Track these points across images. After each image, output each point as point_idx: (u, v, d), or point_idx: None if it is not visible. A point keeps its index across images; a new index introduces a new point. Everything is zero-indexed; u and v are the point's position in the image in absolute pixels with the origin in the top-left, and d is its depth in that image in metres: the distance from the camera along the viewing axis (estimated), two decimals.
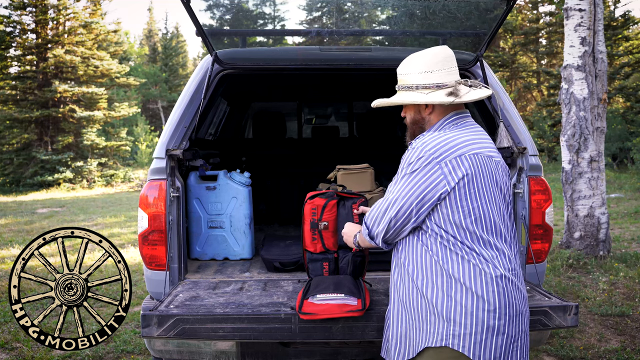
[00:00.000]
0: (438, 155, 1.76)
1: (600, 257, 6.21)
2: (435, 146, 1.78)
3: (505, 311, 1.74)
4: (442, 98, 1.84)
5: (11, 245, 7.87)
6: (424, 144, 1.80)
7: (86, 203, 14.06)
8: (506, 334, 1.74)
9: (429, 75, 1.87)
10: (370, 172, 3.52)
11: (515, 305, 1.77)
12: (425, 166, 1.76)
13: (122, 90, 25.73)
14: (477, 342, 1.72)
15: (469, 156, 1.77)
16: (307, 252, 2.68)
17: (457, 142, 1.79)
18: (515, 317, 1.77)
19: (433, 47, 1.92)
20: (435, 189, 1.75)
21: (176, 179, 2.76)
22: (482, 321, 1.72)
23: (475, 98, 1.88)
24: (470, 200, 1.76)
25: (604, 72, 6.41)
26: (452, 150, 1.77)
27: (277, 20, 7.60)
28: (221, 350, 2.55)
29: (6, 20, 19.53)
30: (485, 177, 1.79)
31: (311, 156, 5.19)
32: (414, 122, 1.96)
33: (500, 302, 1.73)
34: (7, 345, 3.95)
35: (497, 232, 1.80)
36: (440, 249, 1.79)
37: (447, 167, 1.75)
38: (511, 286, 1.77)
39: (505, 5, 2.61)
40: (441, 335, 1.74)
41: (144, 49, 44.86)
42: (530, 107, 25.87)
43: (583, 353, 3.73)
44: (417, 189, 1.77)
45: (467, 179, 1.75)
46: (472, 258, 1.75)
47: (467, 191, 1.75)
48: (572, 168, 6.37)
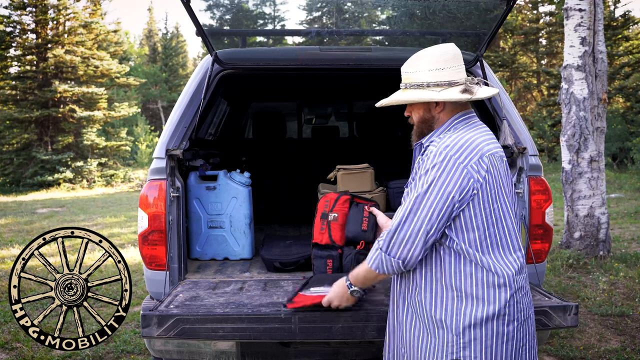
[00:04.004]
0: (463, 158, 1.72)
1: (600, 257, 6.21)
2: (459, 149, 1.73)
3: (514, 317, 1.73)
4: (457, 95, 1.79)
5: (11, 245, 7.87)
6: (446, 147, 1.74)
7: (86, 203, 14.06)
8: (515, 339, 1.73)
9: (440, 72, 1.82)
10: (370, 172, 3.52)
11: (524, 310, 1.77)
12: (454, 172, 1.71)
13: (122, 90, 25.73)
14: (487, 350, 1.71)
15: (488, 156, 1.75)
16: (314, 246, 2.69)
17: (477, 143, 1.75)
18: (524, 322, 1.76)
19: (440, 45, 1.88)
20: (465, 192, 1.70)
21: (176, 179, 2.76)
22: (491, 329, 1.71)
23: (488, 95, 1.86)
24: (490, 202, 1.73)
25: (604, 72, 6.41)
26: (475, 152, 1.73)
27: (277, 20, 7.60)
28: (221, 350, 2.55)
29: (6, 20, 19.52)
30: (501, 179, 1.77)
31: (311, 156, 5.19)
32: (423, 120, 1.89)
33: (509, 308, 1.72)
34: (7, 345, 3.95)
35: (511, 233, 1.78)
36: (452, 262, 1.75)
37: (474, 169, 1.71)
38: (520, 291, 1.76)
39: (505, 5, 2.61)
40: (451, 349, 1.73)
41: (144, 49, 44.85)
42: (530, 107, 25.86)
43: (583, 353, 3.73)
44: (450, 196, 1.70)
45: (487, 180, 1.72)
46: (485, 265, 1.73)
47: (488, 193, 1.73)
48: (572, 168, 6.37)
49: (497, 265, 1.73)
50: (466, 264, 1.74)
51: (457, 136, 1.77)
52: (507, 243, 1.76)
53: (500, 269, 1.73)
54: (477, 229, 1.73)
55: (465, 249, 1.73)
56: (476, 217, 1.72)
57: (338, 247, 2.66)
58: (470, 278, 1.73)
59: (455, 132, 1.81)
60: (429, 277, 1.79)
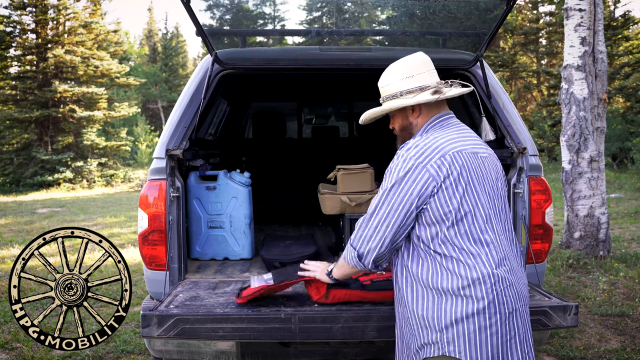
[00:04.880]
0: (423, 158, 1.80)
1: (600, 257, 6.21)
2: (418, 151, 1.82)
3: (495, 310, 1.74)
4: (427, 97, 1.90)
5: (11, 245, 7.87)
6: (408, 151, 1.84)
7: (86, 203, 14.06)
8: (500, 332, 1.74)
9: (411, 80, 1.95)
10: (370, 172, 3.51)
11: (508, 303, 1.76)
12: (412, 171, 1.79)
13: (122, 90, 25.73)
14: (471, 344, 1.72)
15: (452, 154, 1.80)
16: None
17: (440, 143, 1.83)
18: (509, 315, 1.76)
19: (409, 55, 2.00)
20: (425, 191, 1.78)
21: (176, 179, 2.76)
22: (473, 323, 1.73)
23: (457, 93, 1.95)
24: (458, 196, 1.78)
25: (604, 72, 6.40)
26: (436, 152, 1.80)
27: (277, 20, 7.60)
28: (221, 350, 2.55)
29: (6, 20, 19.53)
30: (472, 173, 1.81)
31: (311, 156, 5.19)
32: (403, 128, 2.02)
33: (489, 302, 1.73)
34: (7, 345, 3.95)
35: (489, 225, 1.80)
36: (427, 260, 1.80)
37: (433, 168, 1.78)
38: (502, 284, 1.76)
39: (505, 5, 2.61)
40: (436, 345, 1.76)
41: (144, 49, 44.86)
42: (530, 107, 25.87)
43: (583, 353, 3.73)
44: (407, 194, 1.79)
45: (452, 177, 1.78)
46: (461, 259, 1.76)
47: (454, 189, 1.78)
48: (572, 168, 6.37)
49: (469, 260, 1.76)
50: (440, 261, 1.78)
51: (422, 139, 1.87)
52: (479, 236, 1.78)
53: (473, 263, 1.75)
54: (443, 223, 1.77)
55: (436, 246, 1.79)
56: (442, 214, 1.77)
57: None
58: (445, 275, 1.76)
59: (422, 136, 1.90)
60: (409, 278, 1.85)
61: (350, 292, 2.26)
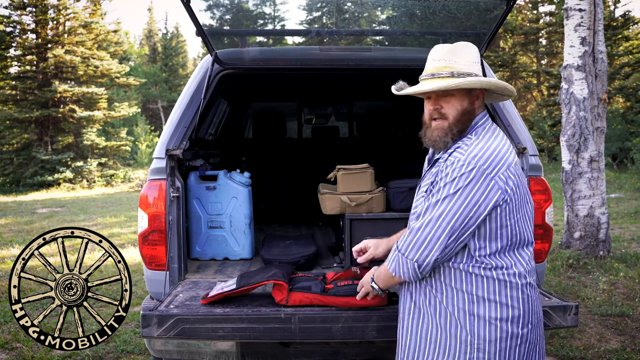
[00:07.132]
0: (491, 169, 1.70)
1: (600, 257, 6.21)
2: (487, 160, 1.71)
3: (529, 319, 1.74)
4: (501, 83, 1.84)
5: (11, 245, 7.87)
6: (475, 157, 1.72)
7: (86, 203, 14.06)
8: (529, 341, 1.74)
9: (477, 66, 1.83)
10: (370, 172, 3.51)
11: (538, 313, 1.78)
12: (478, 180, 1.69)
13: (122, 90, 25.73)
14: (501, 350, 1.70)
15: (514, 166, 1.75)
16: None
17: (503, 153, 1.75)
18: (537, 324, 1.77)
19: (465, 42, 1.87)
20: (492, 204, 1.69)
21: (176, 179, 2.76)
22: (506, 330, 1.71)
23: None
24: (515, 212, 1.74)
25: (604, 72, 6.40)
26: (502, 163, 1.72)
27: (277, 20, 7.60)
28: (221, 350, 2.55)
29: (6, 20, 19.53)
30: (522, 188, 1.78)
31: (311, 156, 5.19)
32: (465, 112, 1.82)
33: (524, 310, 1.73)
34: (7, 345, 3.95)
35: (529, 238, 1.81)
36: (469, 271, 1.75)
37: (502, 180, 1.70)
38: (534, 293, 1.77)
39: (505, 5, 2.61)
40: (465, 349, 1.73)
41: (144, 49, 44.85)
42: (530, 107, 25.86)
43: (583, 353, 3.73)
44: (471, 204, 1.69)
45: (514, 191, 1.73)
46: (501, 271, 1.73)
47: (514, 204, 1.73)
48: (572, 168, 6.37)
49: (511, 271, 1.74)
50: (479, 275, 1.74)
51: (483, 145, 1.75)
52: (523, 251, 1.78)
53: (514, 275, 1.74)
54: (501, 238, 1.73)
55: (485, 256, 1.74)
56: (502, 228, 1.73)
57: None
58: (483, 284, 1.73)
59: (479, 138, 1.79)
60: (442, 280, 1.78)
61: (310, 296, 2.25)
